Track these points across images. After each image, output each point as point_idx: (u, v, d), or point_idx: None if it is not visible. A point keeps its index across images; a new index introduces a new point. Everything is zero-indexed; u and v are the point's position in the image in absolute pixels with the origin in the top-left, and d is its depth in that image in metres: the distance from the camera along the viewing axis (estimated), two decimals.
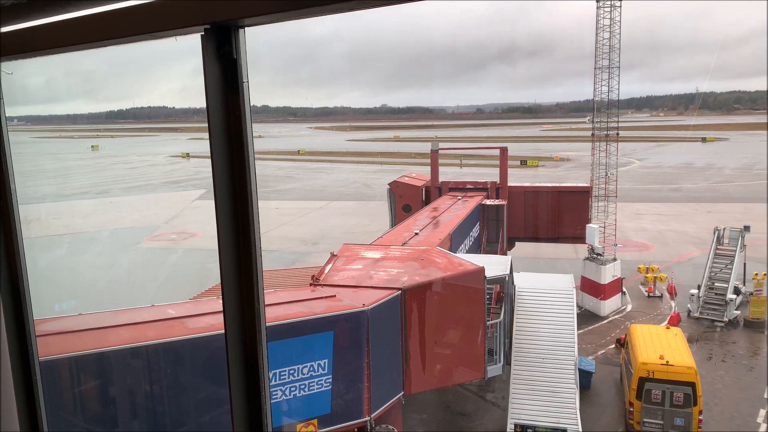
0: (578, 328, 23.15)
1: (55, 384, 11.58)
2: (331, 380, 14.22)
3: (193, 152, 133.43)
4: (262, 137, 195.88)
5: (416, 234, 24.10)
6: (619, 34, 33.44)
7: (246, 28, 1.96)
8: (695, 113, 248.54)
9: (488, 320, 18.90)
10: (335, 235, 47.90)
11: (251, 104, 2.04)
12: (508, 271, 20.88)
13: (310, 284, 16.76)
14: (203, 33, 1.91)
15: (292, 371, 13.68)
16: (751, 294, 30.72)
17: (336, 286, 16.31)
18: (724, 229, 33.92)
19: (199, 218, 57.87)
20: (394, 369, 15.74)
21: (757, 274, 32.35)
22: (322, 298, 15.31)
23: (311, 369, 13.94)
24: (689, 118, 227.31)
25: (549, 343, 21.00)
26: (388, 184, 37.70)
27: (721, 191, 68.98)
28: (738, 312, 30.34)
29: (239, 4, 1.77)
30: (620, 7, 33.10)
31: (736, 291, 30.94)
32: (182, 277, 37.91)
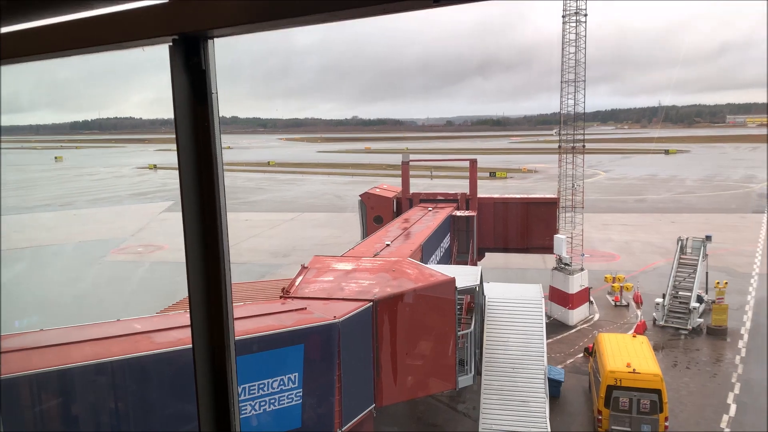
0: (547, 338, 23.38)
1: (15, 403, 11.19)
2: (301, 394, 14.06)
3: (160, 164, 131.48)
4: (232, 148, 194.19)
5: (388, 245, 24.11)
6: (585, 48, 34.24)
7: (215, 39, 1.94)
8: (658, 126, 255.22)
9: (459, 331, 18.98)
10: (306, 247, 47.62)
11: (221, 115, 2.02)
12: (478, 282, 21.02)
13: (281, 297, 16.60)
14: (171, 44, 1.89)
15: (262, 385, 13.49)
16: (714, 302, 31.47)
17: (307, 299, 16.19)
18: (687, 239, 34.77)
19: (166, 230, 56.94)
20: (365, 381, 15.65)
21: (718, 283, 33.18)
22: (292, 310, 15.17)
23: (282, 383, 13.76)
24: (653, 131, 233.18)
25: (519, 353, 21.17)
26: (360, 195, 37.69)
27: (684, 202, 70.82)
28: (701, 320, 31.05)
29: (208, 15, 1.76)
30: (585, 22, 33.91)
31: (699, 299, 31.68)
32: (149, 291, 37.16)
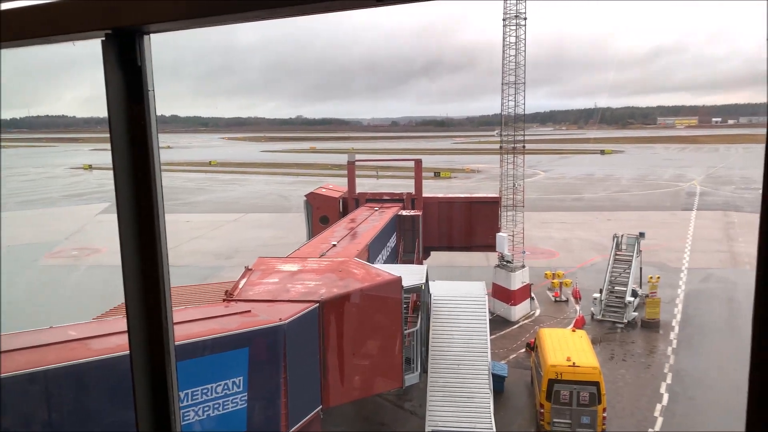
0: (491, 334, 23.86)
1: None
2: (247, 398, 13.82)
3: (96, 164, 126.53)
4: (172, 148, 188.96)
5: (334, 245, 24.03)
6: (525, 51, 35.11)
7: (152, 35, 1.88)
8: (595, 127, 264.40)
9: (405, 329, 19.11)
10: (250, 249, 46.84)
11: (160, 114, 1.96)
12: (424, 280, 21.23)
13: (224, 300, 16.28)
14: (104, 38, 1.81)
15: (205, 390, 13.19)
16: (647, 296, 32.90)
17: (251, 301, 15.93)
18: (622, 236, 36.20)
19: (103, 233, 54.79)
20: (312, 383, 15.54)
21: (651, 278, 34.73)
22: (236, 313, 14.90)
23: (226, 387, 13.49)
24: (589, 132, 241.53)
25: (464, 350, 21.52)
26: (305, 195, 37.39)
27: (619, 200, 73.73)
28: (636, 313, 32.40)
29: (144, 9, 1.70)
30: (525, 25, 34.78)
31: (634, 294, 33.03)
32: (85, 296, 35.69)
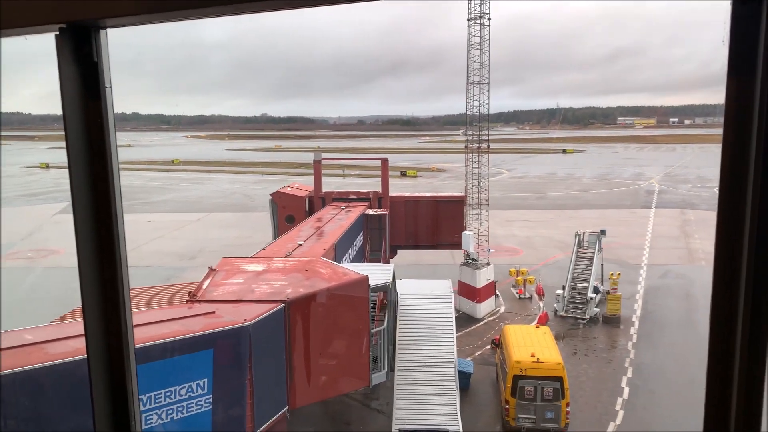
0: (457, 331, 24.06)
1: None
2: (211, 400, 13.62)
3: (53, 162, 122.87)
4: (133, 146, 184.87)
5: (300, 245, 23.87)
6: (489, 51, 35.49)
7: (108, 30, 1.82)
8: (557, 127, 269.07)
9: (372, 328, 19.12)
10: (214, 249, 46.13)
11: (120, 111, 1.90)
12: (391, 279, 21.28)
13: (187, 301, 16.00)
14: (58, 33, 1.75)
15: (168, 393, 12.94)
16: (608, 292, 33.67)
17: (215, 302, 15.71)
18: (583, 233, 36.95)
19: (61, 233, 53.20)
20: (278, 384, 15.41)
21: (612, 274, 35.55)
22: (200, 315, 14.67)
23: (190, 390, 13.27)
24: (552, 132, 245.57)
25: (430, 347, 21.64)
26: (271, 194, 37.03)
27: (580, 199, 75.22)
28: (597, 309, 33.11)
29: (99, 3, 1.65)
30: (489, 26, 35.14)
31: (596, 290, 33.75)
32: (42, 299, 34.62)
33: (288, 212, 35.55)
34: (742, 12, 1.37)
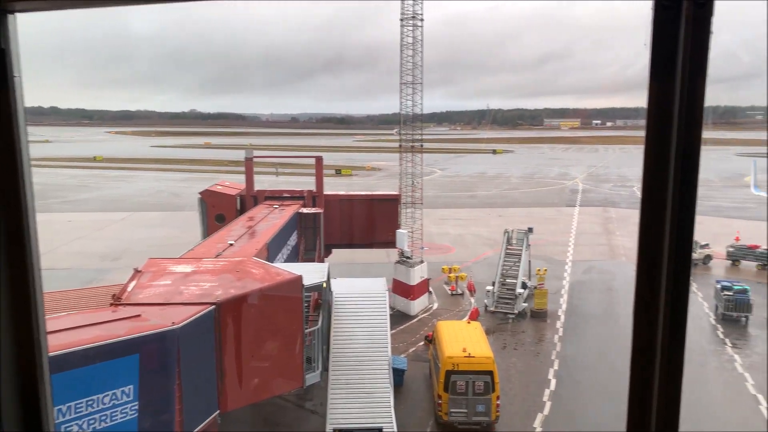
0: (391, 328, 24.23)
1: None
2: (138, 407, 13.08)
3: None
4: (51, 142, 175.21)
5: (231, 245, 23.34)
6: (422, 52, 35.86)
7: (17, 14, 1.69)
8: (487, 128, 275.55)
9: (307, 328, 18.94)
10: (140, 249, 44.38)
11: (37, 105, 1.76)
12: (325, 278, 21.15)
13: (111, 304, 15.30)
14: None
15: (90, 402, 12.32)
16: (536, 288, 34.84)
17: (141, 305, 15.10)
18: (512, 231, 38.06)
19: None
20: (208, 388, 15.00)
21: (539, 270, 36.80)
22: (124, 318, 14.05)
23: (114, 397, 12.69)
24: (482, 132, 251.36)
25: (364, 346, 21.68)
26: (200, 193, 36.02)
27: (509, 197, 77.47)
28: (526, 304, 34.19)
29: None
30: (422, 27, 35.53)
31: (524, 286, 34.85)
32: None
33: (218, 211, 34.70)
34: (663, 16, 1.42)
